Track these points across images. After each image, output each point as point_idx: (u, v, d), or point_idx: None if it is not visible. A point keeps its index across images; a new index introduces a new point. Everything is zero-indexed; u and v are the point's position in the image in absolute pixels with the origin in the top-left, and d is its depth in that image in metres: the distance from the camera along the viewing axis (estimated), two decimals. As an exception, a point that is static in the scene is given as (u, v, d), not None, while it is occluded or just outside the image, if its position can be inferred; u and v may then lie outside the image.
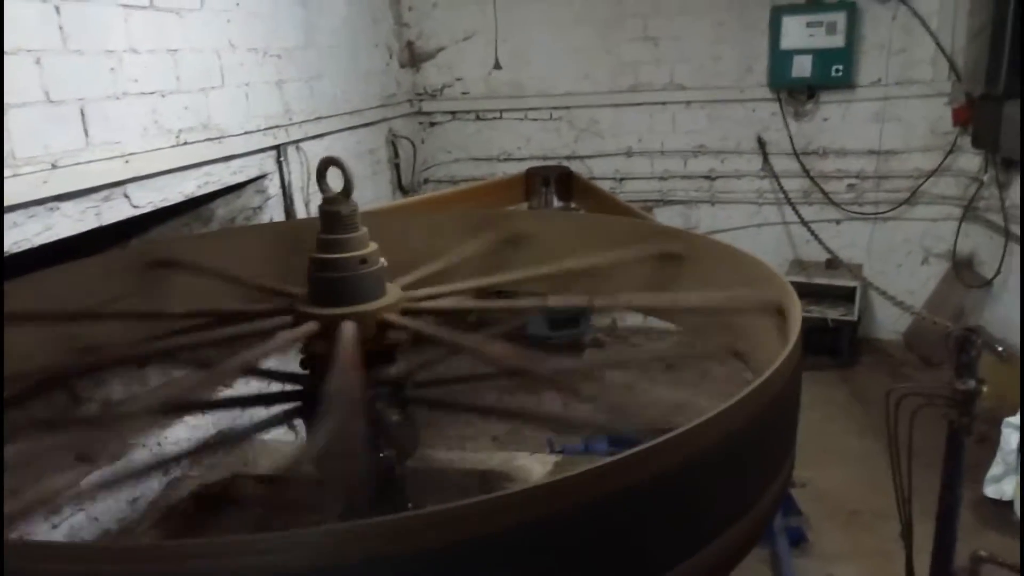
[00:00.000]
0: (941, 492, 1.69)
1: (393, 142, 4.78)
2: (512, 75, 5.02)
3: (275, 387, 1.51)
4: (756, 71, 4.61)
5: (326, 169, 1.29)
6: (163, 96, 2.62)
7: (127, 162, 2.40)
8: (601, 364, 3.27)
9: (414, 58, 5.08)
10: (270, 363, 1.38)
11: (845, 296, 4.54)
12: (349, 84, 4.15)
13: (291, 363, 1.38)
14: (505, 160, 5.17)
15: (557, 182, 4.26)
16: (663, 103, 4.85)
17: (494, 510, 0.68)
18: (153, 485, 2.61)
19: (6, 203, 2.00)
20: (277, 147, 3.39)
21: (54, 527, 2.27)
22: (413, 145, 4.95)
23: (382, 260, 1.31)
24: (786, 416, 1.05)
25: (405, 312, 1.33)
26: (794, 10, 4.31)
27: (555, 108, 5.03)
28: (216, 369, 1.30)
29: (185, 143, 2.73)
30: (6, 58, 2.00)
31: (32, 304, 1.35)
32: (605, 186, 5.01)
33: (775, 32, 4.37)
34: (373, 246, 1.29)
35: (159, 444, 2.68)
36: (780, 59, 4.41)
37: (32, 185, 2.06)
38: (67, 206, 2.23)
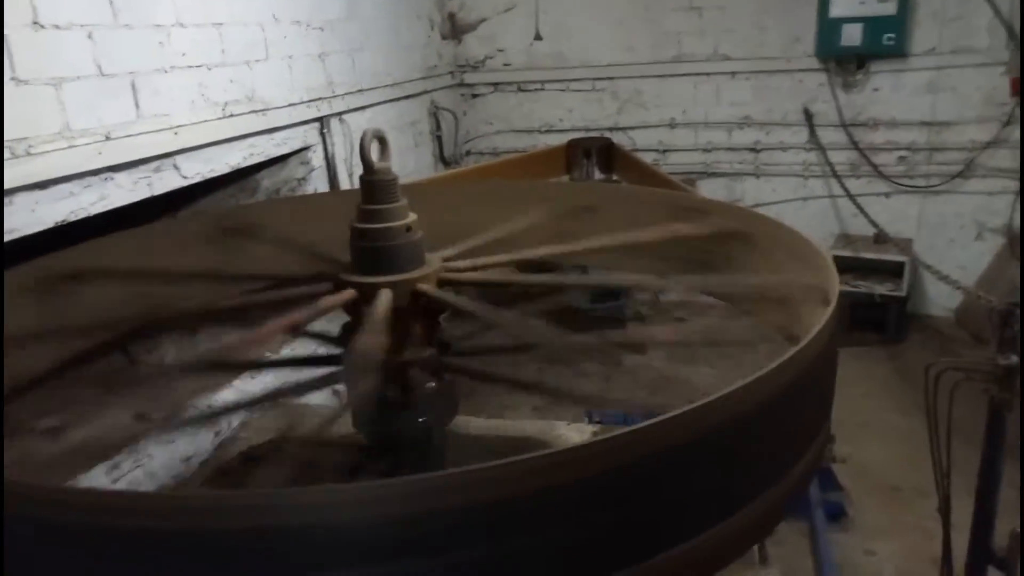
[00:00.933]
0: (981, 468, 1.67)
1: (435, 114, 4.81)
2: (554, 46, 4.98)
3: (321, 351, 1.55)
4: (804, 41, 4.50)
5: (369, 140, 1.32)
6: (209, 69, 2.68)
7: (176, 134, 2.47)
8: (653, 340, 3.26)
9: (455, 30, 5.07)
10: (319, 328, 1.43)
11: (893, 271, 4.44)
12: (391, 56, 4.17)
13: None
14: (547, 132, 5.15)
15: (599, 153, 4.25)
16: (707, 74, 4.77)
17: (537, 468, 0.69)
18: (206, 445, 2.72)
19: (63, 173, 2.09)
20: (320, 119, 3.44)
21: (114, 481, 2.39)
22: (455, 117, 4.97)
23: (420, 232, 1.34)
24: (822, 385, 1.04)
25: (442, 283, 1.36)
26: (845, -24, 4.18)
27: (597, 79, 4.98)
28: (255, 331, 1.33)
29: (231, 115, 2.79)
30: (60, 33, 2.07)
31: (104, 263, 1.39)
32: (648, 158, 4.98)
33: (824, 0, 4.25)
34: (412, 216, 1.30)
35: (209, 407, 2.78)
36: (829, 28, 4.30)
37: (87, 156, 2.14)
38: (120, 176, 2.31)
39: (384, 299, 1.23)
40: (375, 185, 1.28)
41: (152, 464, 2.51)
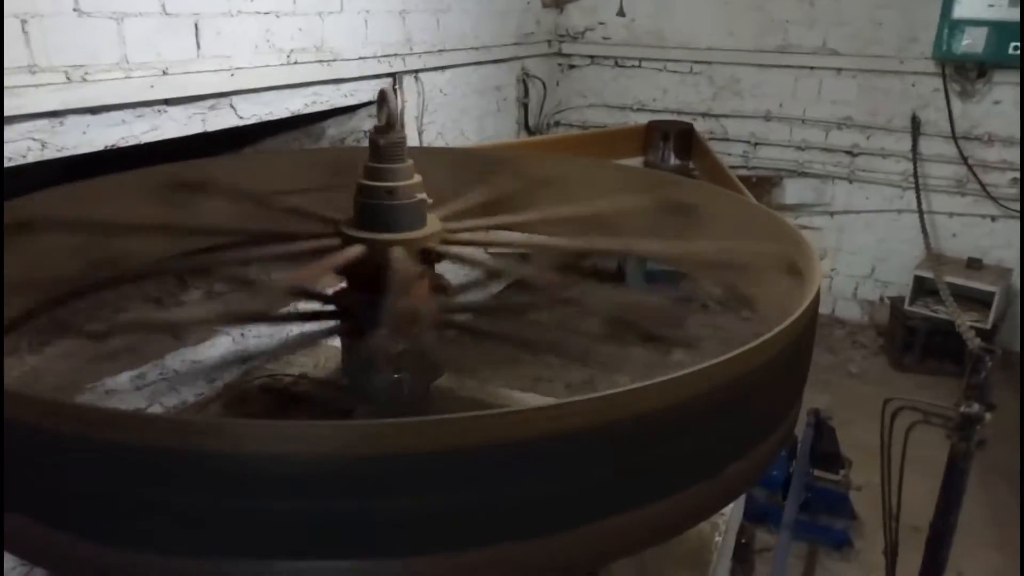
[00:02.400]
0: (934, 517, 1.56)
1: (524, 81, 4.81)
2: (655, 24, 4.86)
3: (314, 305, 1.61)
4: (922, 41, 4.16)
5: (383, 100, 1.36)
6: (277, 17, 2.82)
7: (232, 75, 2.62)
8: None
9: (559, -1, 5.03)
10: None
11: (983, 301, 4.11)
12: (480, 20, 4.20)
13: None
14: (639, 110, 5.05)
15: (676, 138, 4.15)
16: (811, 68, 4.51)
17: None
18: (233, 370, 2.92)
19: (118, 101, 2.28)
20: (393, 75, 3.54)
21: (137, 388, 2.62)
22: (544, 86, 4.95)
23: (419, 195, 1.35)
24: (797, 366, 1.07)
25: (446, 243, 1.40)
26: (975, -26, 3.83)
27: (695, 62, 4.82)
28: (274, 286, 1.35)
29: (295, 63, 2.93)
30: (127, -29, 2.24)
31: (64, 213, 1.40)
32: (738, 150, 4.82)
33: (949, -2, 3.91)
34: (418, 177, 1.34)
35: (242, 335, 2.98)
36: (950, 29, 3.96)
37: (139, 88, 2.32)
38: (174, 110, 2.49)
39: (401, 255, 1.27)
40: (388, 145, 1.30)
41: (178, 379, 2.73)
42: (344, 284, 1.43)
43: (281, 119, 2.98)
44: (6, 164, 2.06)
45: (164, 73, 2.41)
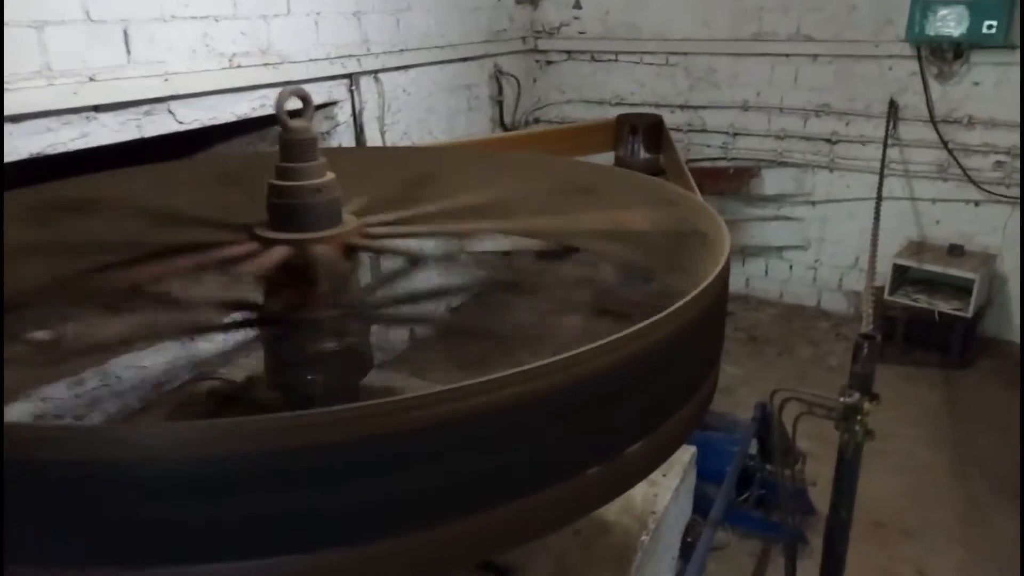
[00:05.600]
0: (829, 513, 1.51)
1: (498, 78, 4.78)
2: (628, 16, 4.80)
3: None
4: (896, 24, 4.06)
5: (286, 99, 1.35)
6: (216, 21, 2.82)
7: (167, 80, 2.63)
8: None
9: (533, -6, 4.99)
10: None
11: (966, 288, 4.00)
12: (447, 18, 4.18)
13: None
14: (617, 104, 4.99)
15: (646, 131, 4.09)
16: (787, 55, 4.42)
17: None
18: (183, 375, 2.93)
19: (40, 109, 2.29)
20: (349, 76, 3.53)
21: (76, 397, 2.64)
22: (518, 83, 4.92)
23: (336, 192, 1.33)
24: (709, 335, 1.06)
25: (349, 246, 1.39)
26: (945, -47, 3.72)
27: (671, 53, 4.75)
28: (197, 301, 1.35)
29: (239, 66, 2.93)
30: (46, -21, 2.25)
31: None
32: (717, 141, 4.76)
33: (920, -22, 3.81)
34: (328, 176, 1.32)
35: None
36: (924, 9, 3.85)
37: (63, 95, 2.33)
38: (105, 117, 2.50)
39: (328, 253, 1.26)
40: (301, 143, 1.30)
41: (120, 384, 2.75)
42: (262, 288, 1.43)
43: (229, 123, 2.99)
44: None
45: (91, 80, 2.42)
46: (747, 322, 4.80)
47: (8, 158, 2.26)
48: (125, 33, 2.51)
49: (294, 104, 1.34)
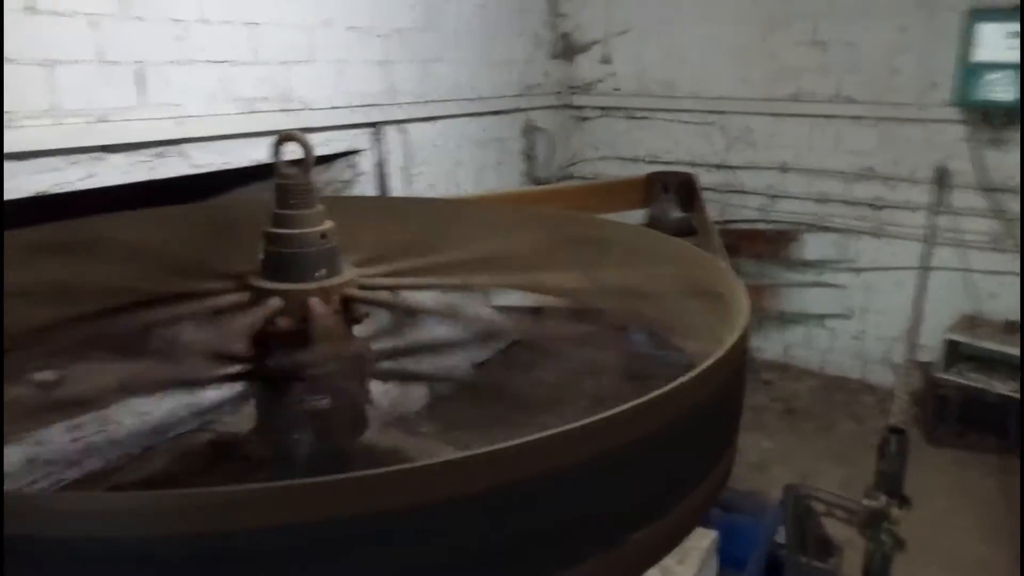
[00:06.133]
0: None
1: (530, 133, 4.72)
2: (665, 73, 4.72)
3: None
4: (941, 87, 3.88)
5: (283, 143, 1.30)
6: (234, 66, 2.80)
7: (180, 123, 2.59)
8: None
9: (568, 50, 4.96)
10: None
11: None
12: (478, 70, 4.15)
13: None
14: (651, 163, 4.87)
15: (678, 190, 3.96)
16: (827, 116, 4.27)
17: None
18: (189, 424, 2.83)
19: (46, 147, 2.26)
20: (374, 124, 3.49)
21: (73, 441, 2.54)
22: (551, 138, 4.84)
23: (333, 240, 1.27)
24: (726, 410, 0.94)
25: (364, 289, 1.32)
26: (994, 16, 3.55)
27: (708, 112, 4.64)
28: (186, 351, 1.29)
29: (256, 112, 2.90)
30: (60, 19, 2.25)
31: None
32: (755, 202, 4.60)
33: (968, 41, 3.64)
34: (326, 224, 1.24)
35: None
36: (971, 74, 3.67)
37: (70, 134, 2.30)
38: (115, 157, 2.46)
39: (319, 306, 1.19)
40: (297, 189, 1.22)
41: (119, 431, 2.65)
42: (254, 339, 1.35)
43: (246, 168, 2.94)
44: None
45: (101, 120, 2.39)
46: (785, 392, 4.54)
47: (12, 196, 2.22)
48: (139, 75, 2.49)
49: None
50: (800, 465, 3.67)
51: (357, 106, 3.36)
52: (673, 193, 3.98)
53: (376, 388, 1.38)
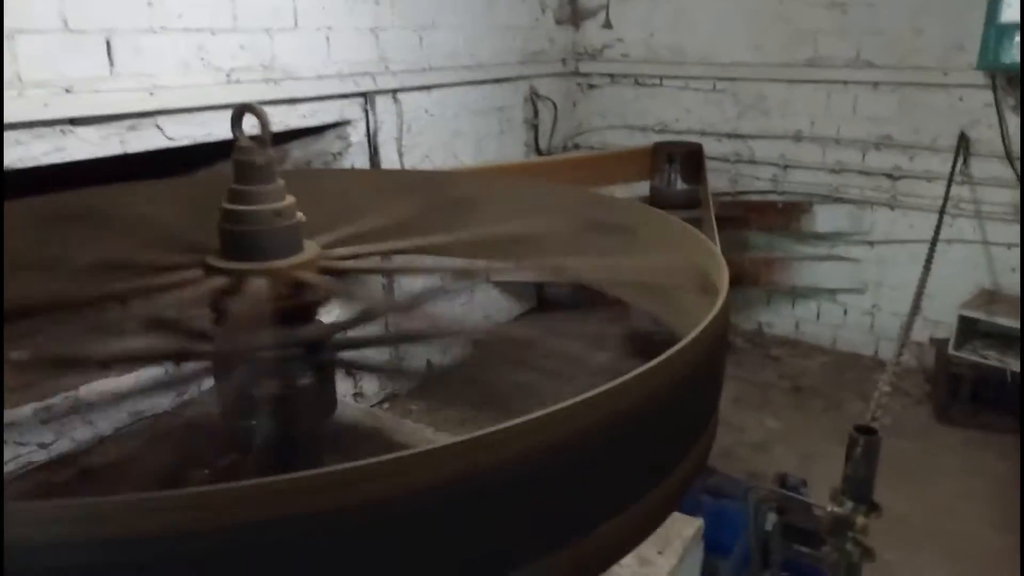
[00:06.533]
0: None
1: (534, 101, 4.57)
2: (675, 39, 4.52)
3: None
4: (968, 50, 3.66)
5: (241, 116, 1.22)
6: (213, 34, 2.69)
7: (152, 94, 2.49)
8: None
9: (575, 14, 4.77)
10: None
11: (1043, 347, 3.53)
12: (477, 37, 4.00)
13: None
14: (660, 132, 4.70)
15: (684, 160, 3.81)
16: (844, 82, 4.07)
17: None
18: (163, 402, 2.77)
19: (14, 120, 2.17)
20: (364, 94, 3.37)
21: (43, 422, 2.49)
22: (555, 106, 4.69)
23: (299, 215, 1.23)
24: (706, 386, 0.92)
25: (324, 271, 1.25)
26: (1023, -28, 3.32)
27: (719, 79, 4.45)
28: (114, 321, 1.26)
29: (237, 81, 2.79)
30: (19, -15, 2.15)
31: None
32: (767, 173, 4.43)
33: (995, 1, 3.42)
34: (289, 199, 1.21)
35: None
36: (999, 35, 3.45)
37: (32, 107, 2.21)
38: (84, 131, 2.37)
39: (256, 288, 1.15)
40: (249, 165, 1.19)
41: (95, 414, 2.60)
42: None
43: (229, 140, 2.84)
44: None
45: (67, 91, 2.30)
46: (793, 369, 4.40)
47: (-29, 170, 2.14)
48: (108, 43, 2.39)
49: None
50: (804, 446, 3.55)
51: (346, 75, 3.24)
52: (679, 164, 3.83)
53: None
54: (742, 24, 4.26)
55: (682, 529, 2.14)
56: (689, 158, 3.82)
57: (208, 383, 1.30)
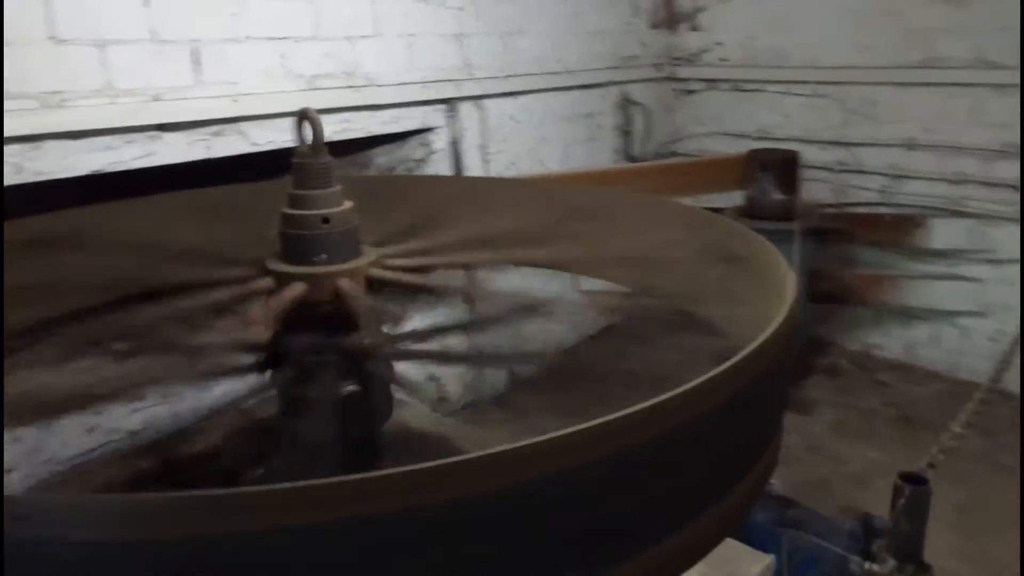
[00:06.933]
0: None
1: (626, 107, 4.46)
2: (775, 41, 4.30)
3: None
4: (1110, 46, 3.28)
5: (302, 121, 1.24)
6: (296, 42, 2.76)
7: (235, 101, 2.58)
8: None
9: (671, 18, 4.63)
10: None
11: None
12: (565, 42, 3.94)
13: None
14: (760, 139, 4.48)
15: (779, 169, 3.62)
16: (965, 84, 3.73)
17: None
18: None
19: (100, 126, 2.30)
20: (448, 101, 3.38)
21: (134, 411, 2.62)
22: (648, 113, 4.56)
23: (354, 221, 1.23)
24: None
25: (370, 280, 1.25)
26: None
27: (822, 83, 4.19)
28: (207, 344, 1.20)
29: (318, 88, 2.85)
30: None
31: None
32: (875, 183, 4.14)
33: None
34: (345, 204, 1.22)
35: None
36: None
37: (124, 114, 2.33)
38: (171, 136, 2.48)
39: (290, 292, 1.16)
40: (304, 168, 1.20)
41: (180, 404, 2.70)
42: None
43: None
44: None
45: (155, 99, 2.41)
46: (903, 397, 4.07)
47: (66, 174, 2.28)
48: (194, 53, 2.49)
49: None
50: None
51: (429, 82, 3.26)
52: (774, 172, 3.63)
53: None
54: (849, 24, 4.00)
55: (750, 566, 2.00)
56: (785, 166, 3.62)
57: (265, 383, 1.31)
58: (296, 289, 1.15)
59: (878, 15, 3.88)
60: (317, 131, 1.15)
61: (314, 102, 2.68)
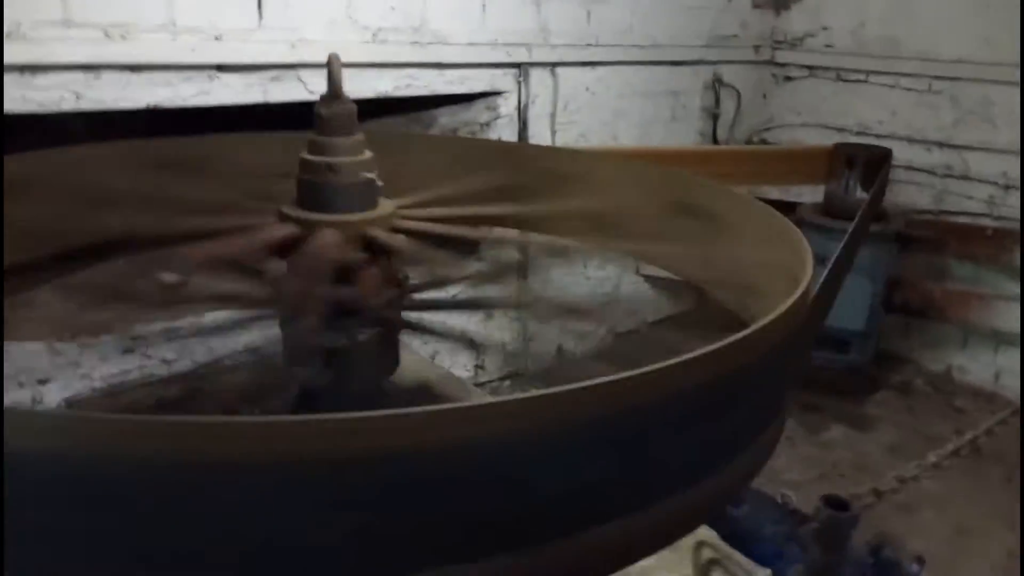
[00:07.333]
0: None
1: (716, 89, 4.24)
2: (888, 29, 3.97)
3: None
4: None
5: (340, 65, 1.27)
6: (364, -8, 2.75)
7: (293, 47, 2.60)
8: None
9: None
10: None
11: None
12: (654, 16, 3.77)
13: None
14: (859, 134, 4.17)
15: (865, 167, 3.37)
16: (1099, 90, 3.34)
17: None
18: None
19: (158, 61, 2.37)
20: (517, 65, 3.31)
21: (169, 340, 2.72)
22: (740, 97, 4.32)
23: (374, 172, 1.17)
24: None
25: (395, 230, 1.24)
26: None
27: (936, 77, 3.84)
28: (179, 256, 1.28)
29: (383, 41, 2.84)
30: (180, -64, 2.32)
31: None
32: (983, 193, 3.81)
33: None
34: (367, 154, 1.17)
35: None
36: None
37: (182, 51, 2.39)
38: (229, 77, 2.53)
39: (326, 238, 1.12)
40: (327, 116, 1.15)
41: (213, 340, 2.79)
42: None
43: (374, 100, 2.92)
44: (40, 111, 2.24)
45: (216, 39, 2.46)
46: (979, 427, 3.74)
47: (123, 105, 2.36)
48: (258, -4, 2.52)
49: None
50: (963, 518, 3.01)
51: (499, 44, 3.19)
52: (860, 170, 3.38)
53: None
54: (971, 13, 3.64)
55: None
56: (873, 164, 3.35)
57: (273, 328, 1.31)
58: (280, 231, 1.11)
59: (1004, 6, 3.50)
60: (335, 78, 1.11)
61: (375, 55, 2.68)
